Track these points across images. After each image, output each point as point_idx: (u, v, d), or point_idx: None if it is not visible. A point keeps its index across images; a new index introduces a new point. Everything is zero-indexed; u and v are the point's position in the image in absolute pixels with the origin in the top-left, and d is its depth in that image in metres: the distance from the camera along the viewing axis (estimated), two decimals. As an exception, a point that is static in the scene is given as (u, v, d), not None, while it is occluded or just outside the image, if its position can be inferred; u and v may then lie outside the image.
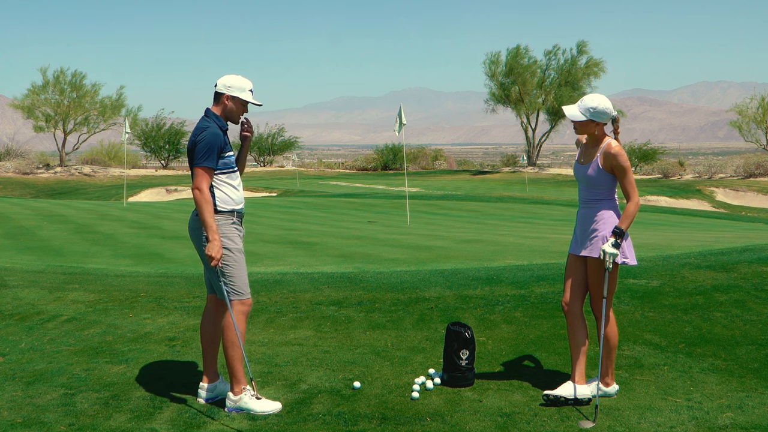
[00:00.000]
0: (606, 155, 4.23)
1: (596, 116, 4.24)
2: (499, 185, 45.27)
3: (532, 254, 9.85)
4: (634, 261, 4.30)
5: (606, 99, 4.25)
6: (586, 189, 4.37)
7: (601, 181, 4.27)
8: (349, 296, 6.95)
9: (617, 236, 4.16)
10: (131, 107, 55.86)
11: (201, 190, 4.11)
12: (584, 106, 4.26)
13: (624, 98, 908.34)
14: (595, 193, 4.31)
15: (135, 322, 6.15)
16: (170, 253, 10.73)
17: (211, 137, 4.13)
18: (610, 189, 4.30)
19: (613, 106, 4.29)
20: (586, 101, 4.27)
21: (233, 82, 4.25)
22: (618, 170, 4.21)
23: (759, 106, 52.94)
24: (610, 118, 4.28)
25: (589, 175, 4.29)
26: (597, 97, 4.26)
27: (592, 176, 4.28)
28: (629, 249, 4.30)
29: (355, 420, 4.01)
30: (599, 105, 4.23)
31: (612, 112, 4.26)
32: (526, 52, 59.48)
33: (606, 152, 4.23)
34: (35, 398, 4.35)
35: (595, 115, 4.23)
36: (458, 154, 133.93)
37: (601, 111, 4.23)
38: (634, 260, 4.30)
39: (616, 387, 4.39)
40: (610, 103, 4.26)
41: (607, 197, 4.30)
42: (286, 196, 32.90)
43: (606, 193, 4.29)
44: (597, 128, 4.28)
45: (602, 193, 4.29)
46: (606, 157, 4.22)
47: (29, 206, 21.54)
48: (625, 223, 4.17)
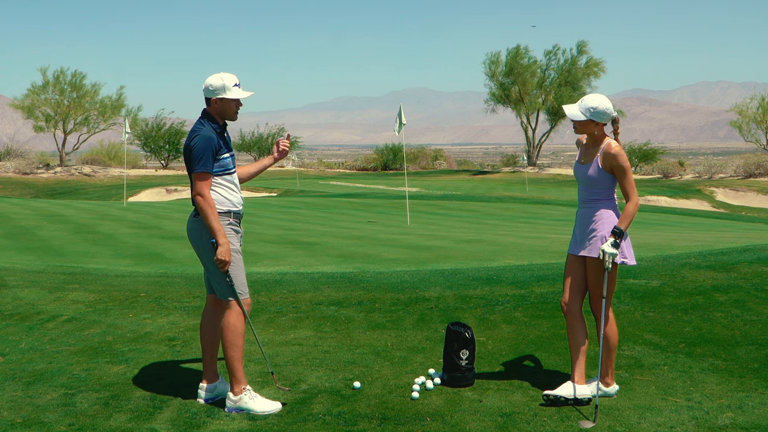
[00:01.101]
0: (606, 155, 4.24)
1: (596, 116, 4.25)
2: (499, 185, 45.28)
3: (532, 254, 9.85)
4: (633, 261, 4.31)
5: (606, 99, 4.26)
6: (585, 189, 4.38)
7: (600, 182, 4.28)
8: (349, 296, 6.94)
9: (616, 236, 4.17)
10: (131, 107, 55.97)
11: (203, 196, 4.08)
12: (584, 105, 4.27)
13: (624, 98, 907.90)
14: (594, 193, 4.32)
15: (135, 322, 6.15)
16: (170, 253, 10.73)
17: (203, 142, 4.08)
18: (609, 189, 4.31)
19: (613, 106, 4.31)
20: (586, 101, 4.28)
21: (216, 84, 4.16)
22: (618, 170, 4.22)
23: (759, 106, 52.93)
24: (610, 119, 4.29)
25: (589, 176, 4.31)
26: (597, 97, 4.28)
27: (592, 176, 4.29)
28: (628, 249, 4.31)
29: (355, 420, 4.01)
30: (599, 105, 4.24)
31: (612, 113, 4.27)
32: (526, 52, 59.50)
33: (606, 152, 4.24)
34: (35, 398, 4.35)
35: (595, 115, 4.25)
36: (458, 154, 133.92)
37: (601, 111, 4.24)
38: (633, 260, 4.31)
39: (616, 387, 4.39)
40: (611, 103, 4.27)
41: (607, 197, 4.31)
42: (286, 196, 32.91)
43: (605, 193, 4.30)
44: (597, 128, 4.30)
45: (602, 193, 4.30)
46: (606, 157, 4.24)
47: (29, 206, 21.54)
48: (625, 223, 4.18)
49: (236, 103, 4.24)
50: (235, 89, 4.20)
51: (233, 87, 4.19)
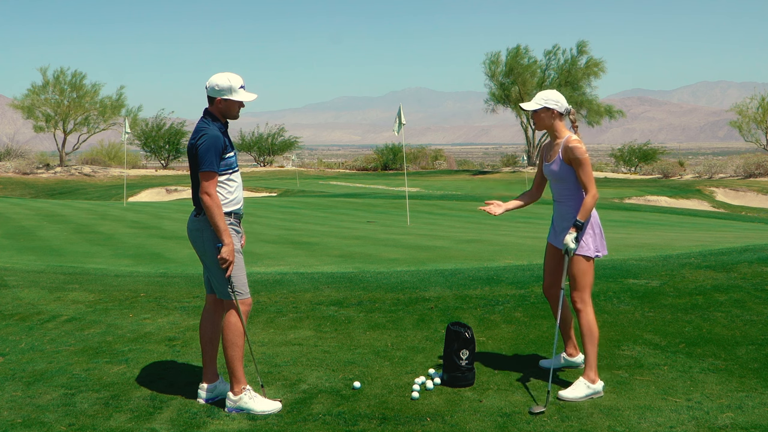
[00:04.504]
0: (565, 149, 4.44)
1: (549, 103, 4.48)
2: (499, 185, 45.27)
3: (532, 254, 9.85)
4: (605, 251, 4.53)
5: (557, 92, 4.56)
6: (555, 185, 4.58)
7: (566, 175, 4.47)
8: (349, 296, 6.95)
9: (577, 229, 4.38)
10: (131, 107, 55.92)
11: (210, 195, 4.07)
12: (538, 97, 4.55)
13: (624, 98, 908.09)
14: (564, 188, 4.52)
15: (135, 322, 6.15)
16: (170, 253, 10.73)
17: (210, 141, 4.08)
18: (577, 183, 4.48)
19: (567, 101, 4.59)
20: (539, 94, 4.57)
21: (223, 85, 4.15)
22: (575, 162, 4.40)
23: (759, 106, 52.89)
24: (565, 110, 4.51)
25: (554, 171, 4.51)
26: (549, 91, 4.57)
27: (556, 171, 4.49)
28: (601, 241, 4.50)
29: (355, 420, 4.01)
30: (551, 95, 4.52)
31: (565, 104, 4.51)
32: (526, 52, 59.45)
33: (565, 146, 4.45)
34: (35, 398, 4.35)
35: (548, 102, 4.49)
36: (458, 154, 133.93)
37: (553, 99, 4.49)
38: (605, 250, 4.54)
39: (601, 383, 4.39)
40: (561, 96, 4.54)
41: (577, 192, 4.48)
42: (286, 196, 32.90)
43: (574, 187, 4.48)
44: (554, 120, 4.51)
45: (571, 188, 4.49)
46: (565, 150, 4.44)
47: (29, 206, 21.54)
48: (583, 215, 4.37)
49: (240, 104, 4.25)
50: (241, 91, 4.21)
51: (239, 89, 4.19)
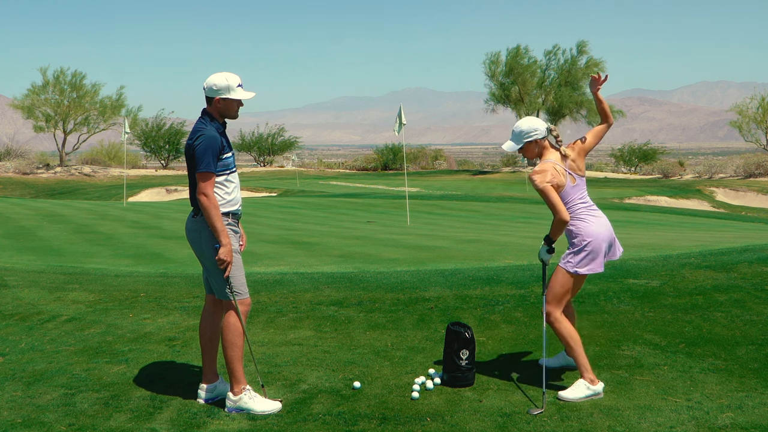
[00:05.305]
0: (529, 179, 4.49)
1: (529, 137, 4.47)
2: (499, 185, 45.25)
3: (532, 254, 9.85)
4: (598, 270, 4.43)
5: (530, 118, 4.51)
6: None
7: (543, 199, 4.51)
8: (349, 296, 6.95)
9: (547, 242, 4.46)
10: (131, 107, 55.89)
11: (207, 196, 4.07)
12: (515, 135, 4.51)
13: (624, 98, 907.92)
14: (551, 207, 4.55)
15: (135, 322, 6.15)
16: (170, 253, 10.73)
17: (207, 141, 4.07)
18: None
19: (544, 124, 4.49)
20: (514, 130, 4.52)
21: (221, 84, 4.15)
22: (538, 192, 4.42)
23: (759, 106, 52.88)
24: (544, 133, 4.48)
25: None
26: (521, 121, 4.51)
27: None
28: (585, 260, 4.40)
29: (355, 420, 4.01)
30: (524, 125, 4.48)
31: (542, 126, 4.47)
32: (526, 52, 59.41)
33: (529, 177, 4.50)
34: (35, 398, 4.35)
35: (528, 136, 4.47)
36: (458, 154, 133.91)
37: (531, 129, 4.46)
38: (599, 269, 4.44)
39: (601, 384, 4.38)
40: (537, 120, 4.49)
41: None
42: (286, 196, 32.90)
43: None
44: (540, 148, 4.51)
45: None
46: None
47: (29, 206, 21.55)
48: (552, 233, 4.41)
49: (238, 103, 4.25)
50: (239, 90, 4.20)
51: (237, 87, 4.19)
